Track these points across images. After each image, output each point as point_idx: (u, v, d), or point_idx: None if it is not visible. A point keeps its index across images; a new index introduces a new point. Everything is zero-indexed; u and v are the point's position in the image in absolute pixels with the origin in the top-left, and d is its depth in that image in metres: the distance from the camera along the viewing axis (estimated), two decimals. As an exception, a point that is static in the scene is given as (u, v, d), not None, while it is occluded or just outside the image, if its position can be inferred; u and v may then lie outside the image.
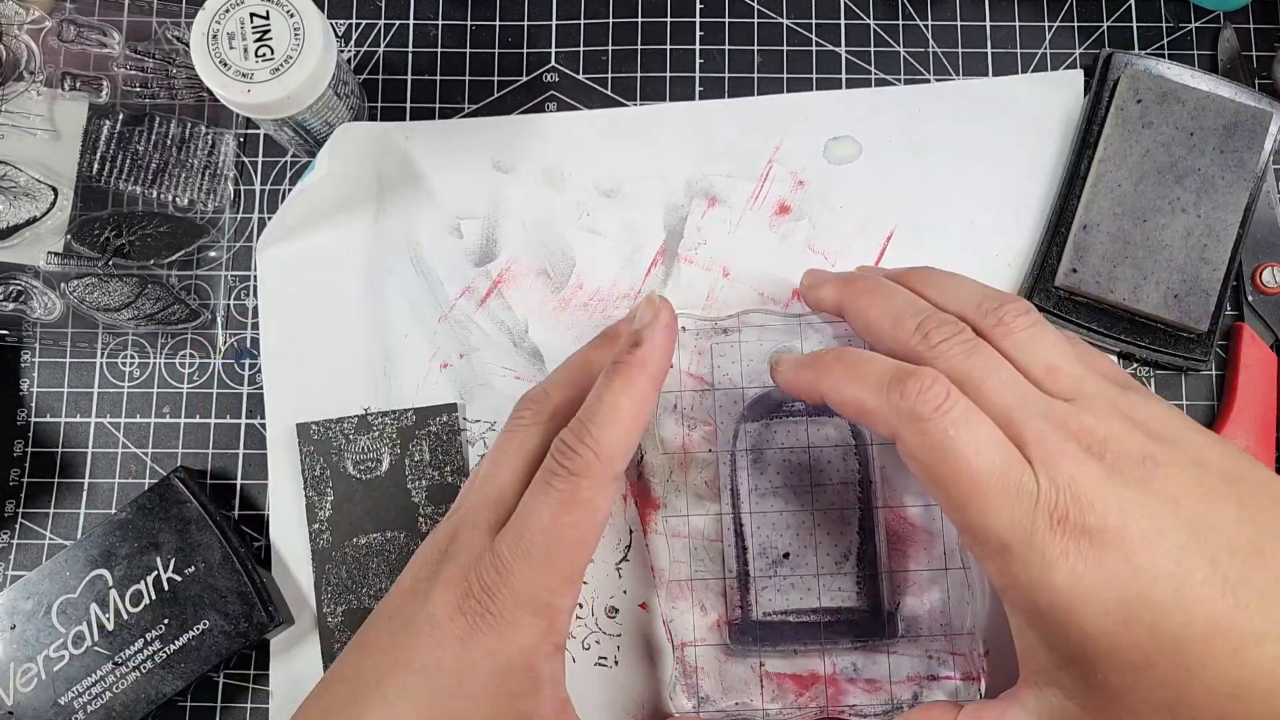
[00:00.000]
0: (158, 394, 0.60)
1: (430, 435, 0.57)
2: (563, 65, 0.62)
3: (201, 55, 0.52)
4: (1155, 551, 0.39)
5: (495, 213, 0.60)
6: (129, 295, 0.59)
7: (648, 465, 0.58)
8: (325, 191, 0.58)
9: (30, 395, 0.60)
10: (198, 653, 0.54)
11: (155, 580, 0.54)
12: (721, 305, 0.59)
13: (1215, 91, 0.58)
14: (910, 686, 0.54)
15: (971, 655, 0.53)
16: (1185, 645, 0.38)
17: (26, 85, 0.61)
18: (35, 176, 0.60)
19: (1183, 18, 0.62)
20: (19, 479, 0.59)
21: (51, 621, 0.54)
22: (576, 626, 0.57)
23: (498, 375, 0.59)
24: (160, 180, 0.60)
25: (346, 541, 0.57)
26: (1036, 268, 0.58)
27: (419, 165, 0.60)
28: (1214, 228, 0.57)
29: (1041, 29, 0.62)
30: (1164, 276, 0.57)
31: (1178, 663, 0.39)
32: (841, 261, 0.59)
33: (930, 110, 0.61)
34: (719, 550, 0.57)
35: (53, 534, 0.58)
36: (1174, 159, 0.57)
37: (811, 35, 0.62)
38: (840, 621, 0.54)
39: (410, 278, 0.59)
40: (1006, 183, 0.60)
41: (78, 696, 0.53)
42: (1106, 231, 0.57)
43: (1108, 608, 0.39)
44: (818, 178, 0.60)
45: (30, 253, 0.60)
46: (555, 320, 0.59)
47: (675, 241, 0.60)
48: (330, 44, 0.53)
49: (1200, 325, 0.57)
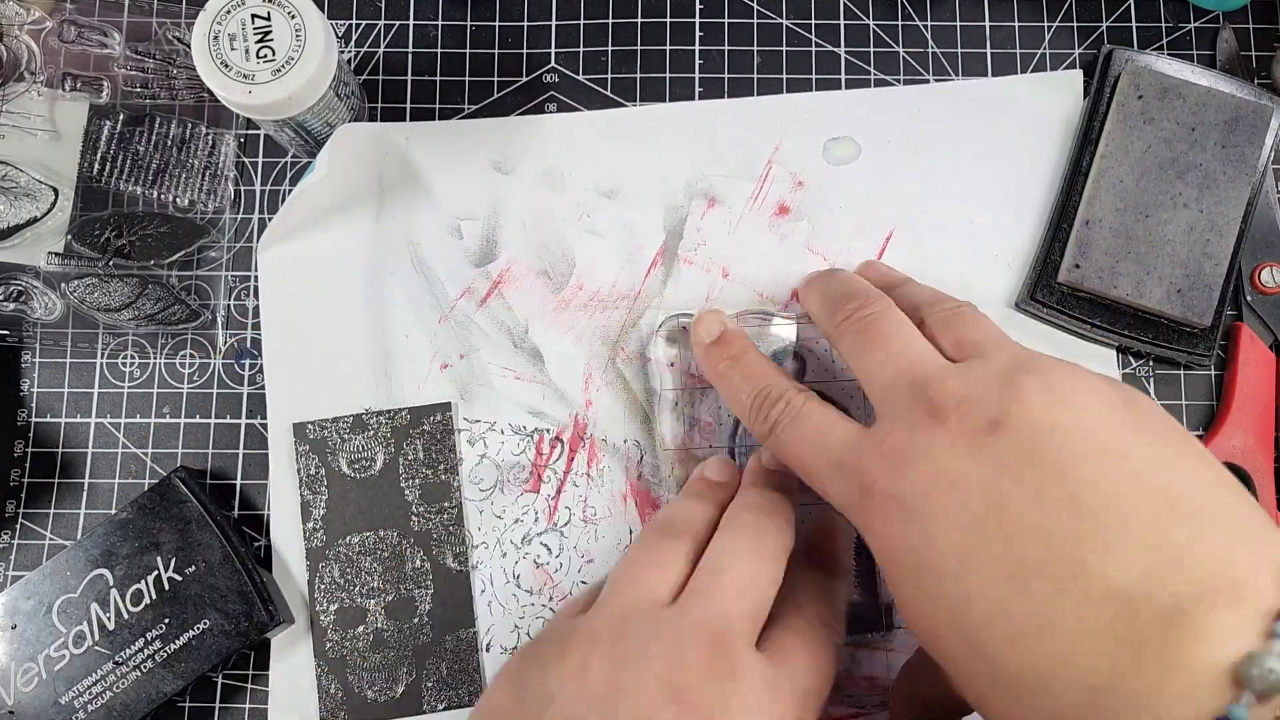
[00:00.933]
0: (158, 394, 0.60)
1: (424, 434, 0.57)
2: (562, 66, 0.62)
3: (203, 56, 0.52)
4: (950, 523, 0.38)
5: (495, 213, 0.60)
6: (129, 295, 0.59)
7: (647, 465, 0.58)
8: (326, 192, 0.58)
9: (30, 395, 0.60)
10: (198, 652, 0.54)
11: (156, 580, 0.54)
12: (721, 306, 0.59)
13: (1216, 87, 0.58)
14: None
15: None
16: (965, 623, 0.37)
17: (27, 86, 0.61)
18: (36, 177, 0.60)
19: (1182, 18, 0.62)
20: (19, 479, 0.59)
21: (52, 621, 0.54)
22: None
23: (498, 375, 0.59)
24: (161, 181, 0.60)
25: (340, 540, 0.57)
26: (1039, 264, 0.58)
27: (419, 166, 0.60)
28: (1216, 222, 0.57)
29: (1041, 29, 0.62)
30: (1167, 271, 0.57)
31: (960, 640, 0.37)
32: (841, 262, 0.59)
33: (929, 110, 0.61)
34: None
35: (53, 534, 0.58)
36: (1176, 154, 0.57)
37: (811, 36, 0.62)
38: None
39: (411, 278, 0.59)
40: (1006, 183, 0.60)
41: (78, 696, 0.53)
42: (1109, 227, 0.57)
43: (905, 573, 0.40)
44: (817, 178, 0.60)
45: (31, 253, 0.60)
46: (555, 321, 0.59)
47: (675, 242, 0.60)
48: (331, 45, 0.53)
49: (1203, 320, 0.57)
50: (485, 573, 0.57)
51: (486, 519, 0.57)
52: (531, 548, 0.57)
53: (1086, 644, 0.34)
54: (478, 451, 0.58)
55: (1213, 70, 0.60)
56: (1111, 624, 0.34)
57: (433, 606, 0.56)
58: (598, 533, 0.57)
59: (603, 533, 0.57)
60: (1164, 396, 0.59)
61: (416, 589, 0.56)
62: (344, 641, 0.56)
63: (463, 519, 0.57)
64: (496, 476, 0.58)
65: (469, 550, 0.57)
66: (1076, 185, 0.59)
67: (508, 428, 0.58)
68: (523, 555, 0.57)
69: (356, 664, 0.56)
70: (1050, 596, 0.35)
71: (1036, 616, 0.35)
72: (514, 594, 0.57)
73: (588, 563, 0.57)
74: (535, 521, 0.57)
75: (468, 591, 0.56)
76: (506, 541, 0.57)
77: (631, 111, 0.61)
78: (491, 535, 0.57)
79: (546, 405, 0.58)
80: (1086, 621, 0.34)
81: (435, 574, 0.57)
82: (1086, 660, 0.34)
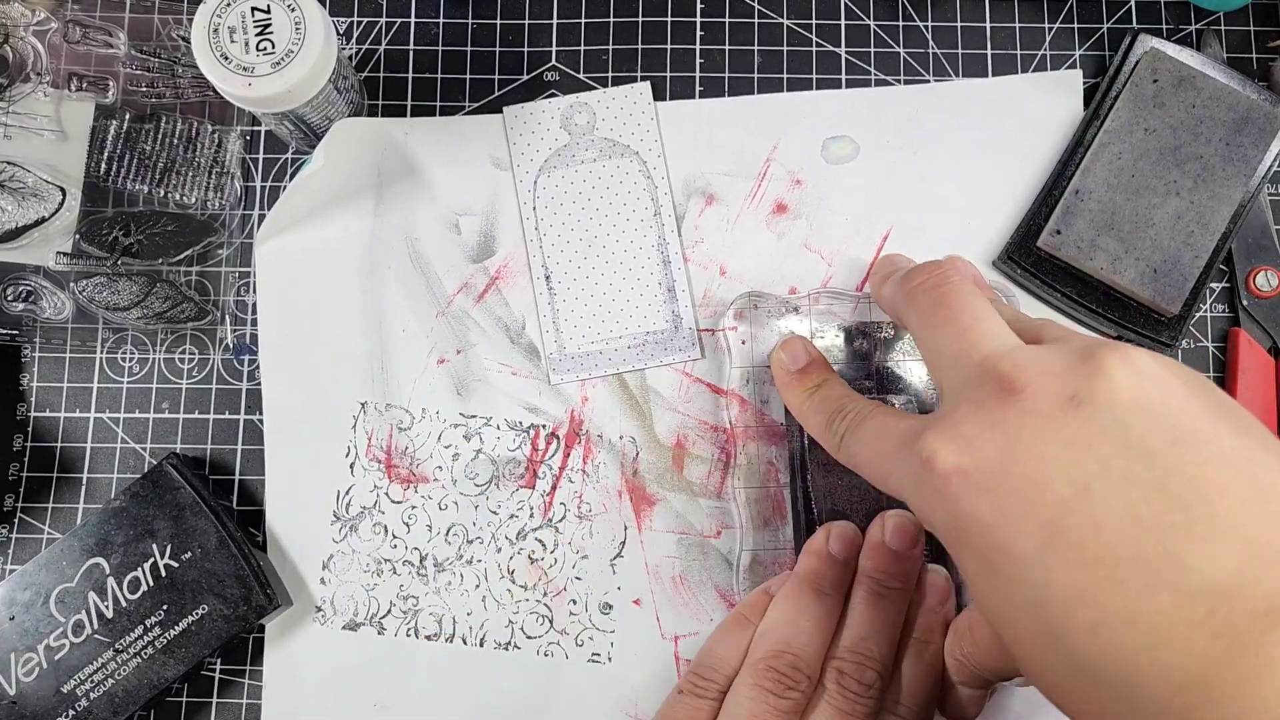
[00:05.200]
0: (157, 389, 0.60)
1: None
2: (563, 64, 0.62)
3: (203, 49, 0.52)
4: (1029, 502, 0.36)
5: (494, 209, 0.60)
6: (138, 294, 0.59)
7: (643, 461, 0.58)
8: (324, 186, 0.58)
9: (30, 390, 0.60)
10: (198, 637, 0.54)
11: (152, 567, 0.54)
12: (719, 303, 0.59)
13: (1233, 86, 0.58)
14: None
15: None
16: (1044, 609, 0.35)
17: (33, 86, 0.62)
18: (43, 177, 0.60)
19: (1183, 19, 0.62)
20: (18, 474, 0.59)
21: (50, 611, 0.54)
22: (570, 623, 0.56)
23: (495, 371, 0.59)
24: (167, 179, 0.61)
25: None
26: (1024, 227, 0.58)
27: (418, 161, 0.60)
28: (1205, 217, 0.57)
29: (1041, 30, 0.62)
30: (1145, 253, 0.57)
31: (1036, 627, 0.36)
32: (838, 260, 0.59)
33: (928, 110, 0.61)
34: (713, 546, 0.57)
35: (51, 528, 0.59)
36: (1179, 142, 0.57)
37: (811, 36, 0.62)
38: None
39: (408, 273, 0.59)
40: (1004, 182, 0.60)
41: (80, 684, 0.53)
42: (1098, 200, 0.57)
43: (972, 552, 0.38)
44: (815, 177, 0.60)
45: (39, 253, 0.60)
46: (553, 317, 0.59)
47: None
48: (331, 38, 0.53)
49: (1171, 308, 0.56)
50: (480, 568, 0.57)
51: (482, 514, 0.57)
52: (526, 543, 0.57)
53: (1177, 638, 0.33)
54: (473, 446, 0.58)
55: (1235, 70, 0.59)
56: (1205, 619, 0.33)
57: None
58: (592, 529, 0.57)
59: (597, 529, 0.57)
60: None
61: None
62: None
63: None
64: (492, 472, 0.58)
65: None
66: (1075, 157, 0.59)
67: (504, 423, 0.58)
68: (517, 550, 0.57)
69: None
70: (1139, 587, 0.34)
71: (1123, 607, 0.34)
72: (508, 589, 0.57)
73: (582, 558, 0.57)
74: (530, 517, 0.57)
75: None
76: (501, 537, 0.57)
77: (631, 110, 0.62)
78: (486, 530, 0.57)
79: (543, 401, 0.58)
80: (1178, 615, 0.33)
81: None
82: (1175, 655, 0.33)
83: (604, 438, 0.58)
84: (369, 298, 0.59)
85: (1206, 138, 0.57)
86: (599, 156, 0.60)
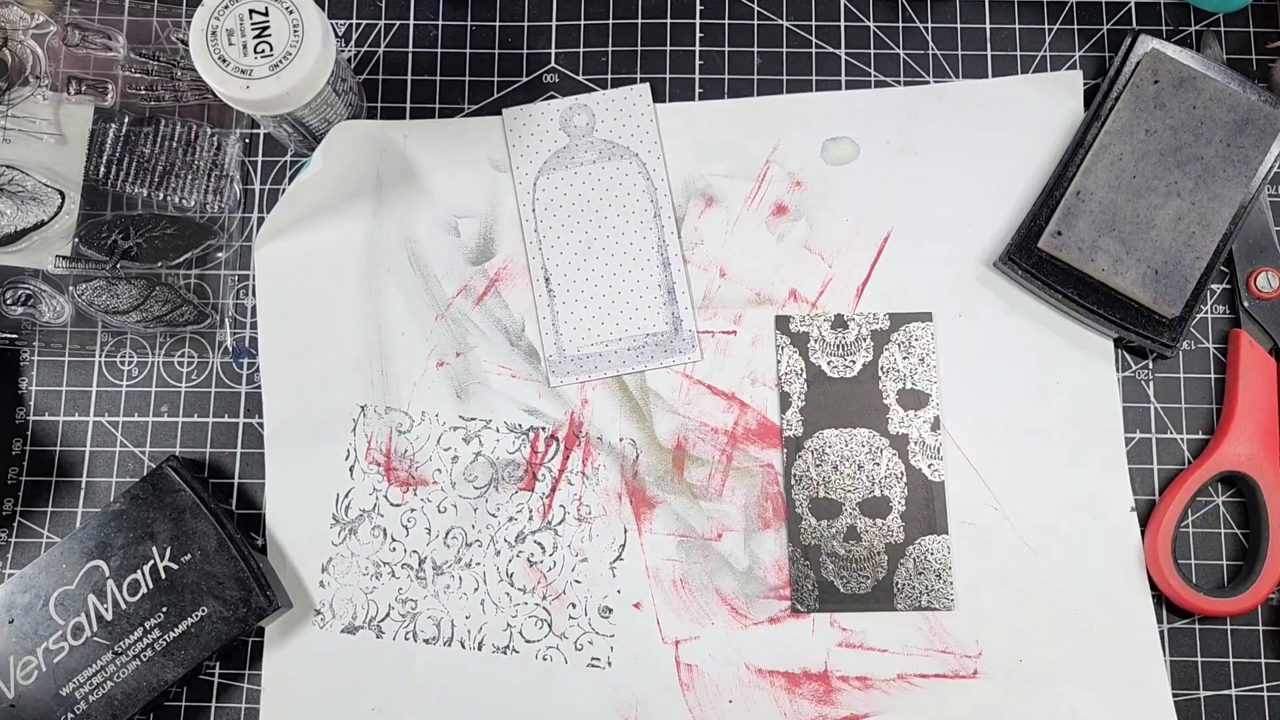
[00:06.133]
0: (156, 393, 0.60)
1: (902, 343, 0.59)
2: (562, 66, 0.62)
3: (200, 51, 0.52)
4: None
5: (493, 211, 0.60)
6: (137, 298, 0.59)
7: (642, 464, 0.57)
8: (323, 189, 0.58)
9: (29, 394, 0.60)
10: (197, 639, 0.54)
11: (152, 569, 0.54)
12: (718, 305, 0.59)
13: (1233, 87, 0.58)
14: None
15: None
16: None
17: (32, 90, 0.61)
18: (42, 180, 0.60)
19: (1183, 20, 0.62)
20: (17, 477, 0.59)
21: (50, 614, 0.54)
22: (569, 627, 0.56)
23: (494, 373, 0.59)
24: (167, 182, 0.61)
25: (815, 434, 0.58)
26: (1024, 228, 0.58)
27: (417, 163, 0.60)
28: (1206, 217, 0.56)
29: (1042, 32, 0.62)
30: (1146, 255, 0.56)
31: None
32: (838, 261, 0.59)
33: (928, 111, 0.61)
34: (714, 549, 0.57)
35: (50, 532, 0.59)
36: (1180, 143, 0.57)
37: (811, 37, 0.62)
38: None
39: (408, 275, 0.59)
40: (1005, 184, 0.60)
41: (79, 687, 0.53)
42: (1099, 201, 0.57)
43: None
44: (815, 178, 0.60)
45: (38, 257, 0.60)
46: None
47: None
48: (329, 41, 0.53)
49: (1173, 310, 0.56)
50: (479, 571, 0.57)
51: (481, 517, 0.57)
52: (525, 546, 0.57)
53: None
54: (473, 449, 0.58)
55: (1235, 72, 0.59)
56: None
57: (906, 509, 0.57)
58: (592, 531, 0.57)
59: (596, 531, 0.57)
60: (1163, 400, 0.59)
61: (890, 490, 0.57)
62: (817, 529, 0.57)
63: (939, 425, 0.58)
64: (491, 474, 0.58)
65: (942, 463, 0.58)
66: (1076, 158, 0.58)
67: (503, 425, 0.58)
68: (516, 553, 0.57)
69: (830, 552, 0.57)
70: None
71: None
72: (507, 592, 0.57)
73: (581, 561, 0.57)
74: (529, 519, 0.57)
75: (942, 499, 0.57)
76: (500, 539, 0.57)
77: (630, 112, 0.62)
78: (485, 533, 0.57)
79: (542, 403, 0.58)
80: None
81: (910, 477, 0.57)
82: None
83: (604, 440, 0.58)
84: (368, 300, 0.59)
85: (1207, 139, 0.57)
86: (598, 158, 0.60)
